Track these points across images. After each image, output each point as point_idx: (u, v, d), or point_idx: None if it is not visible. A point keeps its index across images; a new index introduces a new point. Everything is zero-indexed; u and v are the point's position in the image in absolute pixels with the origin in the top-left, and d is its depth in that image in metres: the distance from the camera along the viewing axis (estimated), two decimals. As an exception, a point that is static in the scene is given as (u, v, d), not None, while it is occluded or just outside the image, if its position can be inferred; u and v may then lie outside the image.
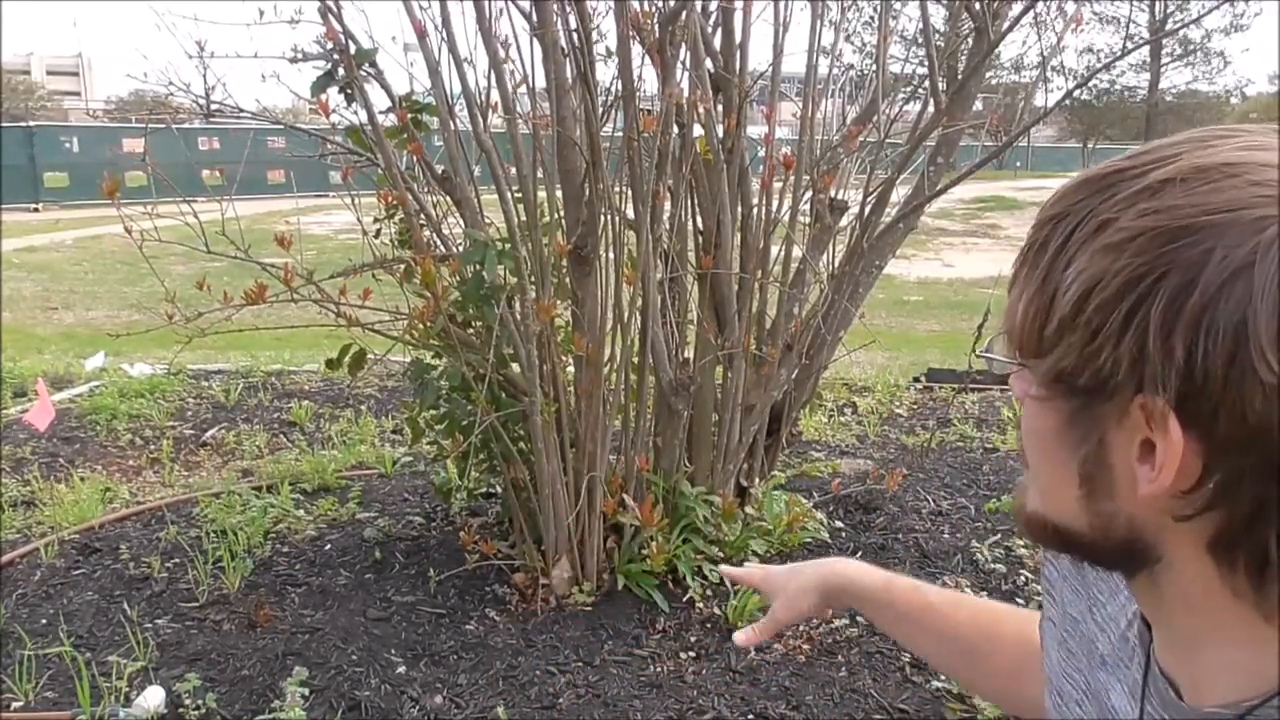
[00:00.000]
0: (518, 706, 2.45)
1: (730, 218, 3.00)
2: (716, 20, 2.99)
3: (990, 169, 12.08)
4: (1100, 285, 0.49)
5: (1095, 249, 0.50)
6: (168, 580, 3.09)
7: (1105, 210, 0.50)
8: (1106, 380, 0.50)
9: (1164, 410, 0.47)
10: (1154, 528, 0.53)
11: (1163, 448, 0.48)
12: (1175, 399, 0.47)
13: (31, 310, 9.62)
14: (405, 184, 2.75)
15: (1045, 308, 0.52)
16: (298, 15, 2.76)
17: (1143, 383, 0.48)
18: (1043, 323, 0.53)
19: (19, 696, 2.49)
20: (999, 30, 2.94)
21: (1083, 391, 0.51)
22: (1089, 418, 0.52)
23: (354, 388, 5.27)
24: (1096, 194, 0.51)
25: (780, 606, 1.07)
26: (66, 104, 50.73)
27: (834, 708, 2.47)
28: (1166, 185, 0.49)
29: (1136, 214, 0.49)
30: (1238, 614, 0.52)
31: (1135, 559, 0.55)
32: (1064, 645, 0.75)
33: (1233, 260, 0.45)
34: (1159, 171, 0.49)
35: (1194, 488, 0.49)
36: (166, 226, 2.58)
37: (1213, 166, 0.48)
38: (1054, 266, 0.52)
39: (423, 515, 3.58)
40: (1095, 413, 0.52)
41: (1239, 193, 0.47)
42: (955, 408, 5.15)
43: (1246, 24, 32.06)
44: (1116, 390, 0.49)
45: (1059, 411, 0.54)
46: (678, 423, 3.04)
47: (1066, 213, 0.52)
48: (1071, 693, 0.73)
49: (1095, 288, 0.49)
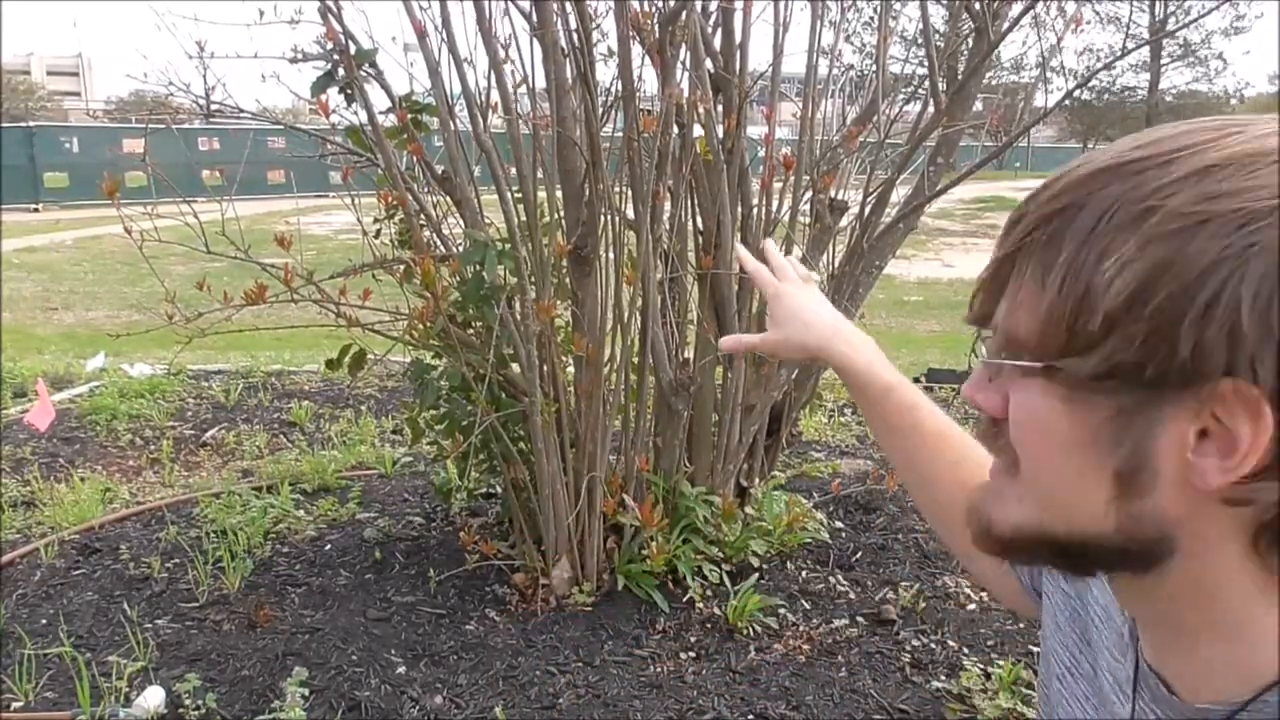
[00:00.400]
0: (518, 707, 2.45)
1: (730, 218, 3.00)
2: (716, 20, 2.99)
3: (990, 169, 12.05)
4: (1171, 272, 0.47)
5: (1148, 236, 0.47)
6: (168, 580, 3.09)
7: (1142, 197, 0.48)
8: (1183, 368, 0.47)
9: (1256, 394, 0.46)
10: (1185, 520, 0.51)
11: (1249, 433, 0.47)
12: (1275, 378, 0.46)
13: (31, 310, 9.62)
14: (405, 184, 2.75)
15: (1076, 304, 0.50)
16: (298, 15, 2.76)
17: (1232, 366, 0.46)
18: (1074, 320, 0.50)
19: (19, 696, 2.49)
20: (999, 30, 2.94)
21: (1145, 384, 0.49)
22: (1143, 412, 0.50)
23: (354, 388, 5.27)
24: (1117, 182, 0.50)
25: (768, 338, 1.03)
26: (66, 104, 50.75)
27: (834, 708, 2.47)
28: (1217, 170, 0.48)
29: (1197, 199, 0.47)
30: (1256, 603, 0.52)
31: (1152, 557, 0.53)
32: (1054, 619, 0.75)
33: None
34: (1196, 159, 0.48)
35: (1262, 472, 0.47)
36: (166, 227, 2.58)
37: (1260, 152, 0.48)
38: (1079, 259, 0.50)
39: (423, 515, 3.58)
40: (1152, 406, 0.49)
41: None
42: (955, 408, 5.15)
43: (1247, 26, 32.10)
44: (1194, 378, 0.47)
45: (1097, 411, 0.51)
46: (678, 423, 3.04)
47: (1082, 203, 0.50)
48: (1055, 667, 0.73)
49: (1164, 275, 0.47)
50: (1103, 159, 0.52)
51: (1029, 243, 0.53)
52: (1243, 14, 30.71)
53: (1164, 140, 0.51)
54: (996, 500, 0.59)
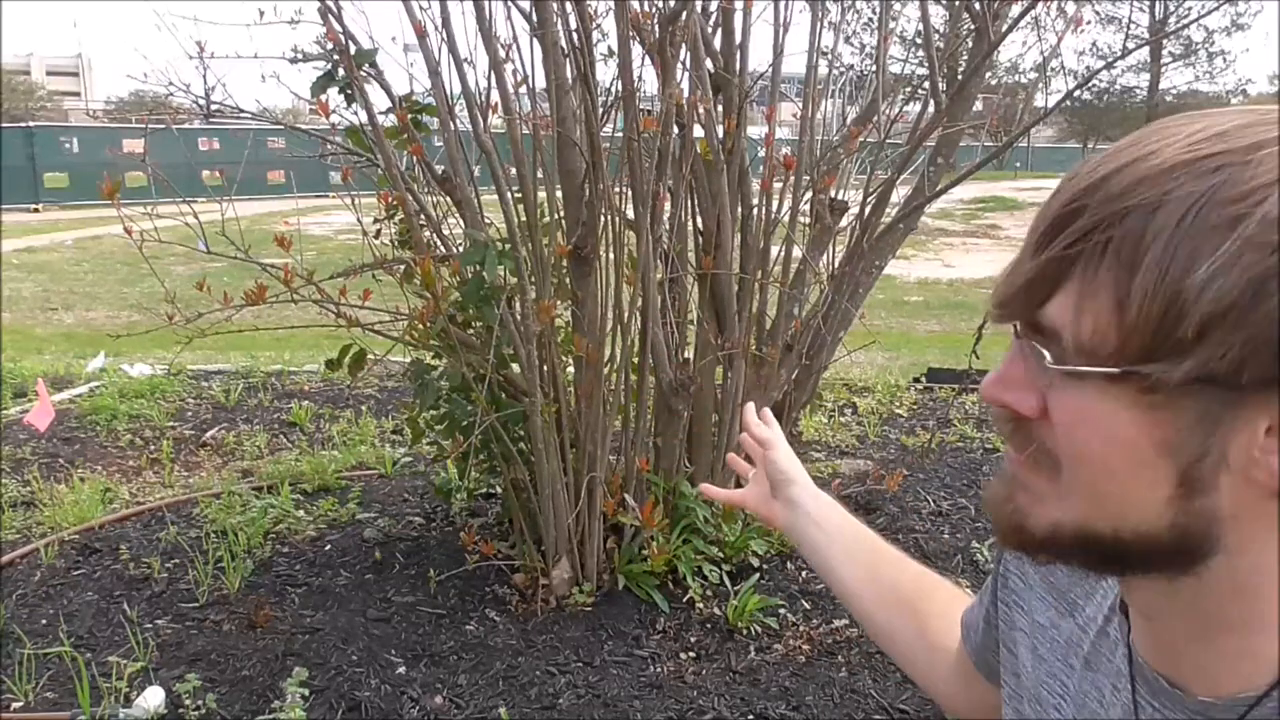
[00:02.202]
0: (518, 707, 2.45)
1: (730, 218, 3.00)
2: (716, 20, 2.99)
3: (990, 169, 12.10)
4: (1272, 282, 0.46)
5: (1247, 242, 0.47)
6: (168, 581, 3.09)
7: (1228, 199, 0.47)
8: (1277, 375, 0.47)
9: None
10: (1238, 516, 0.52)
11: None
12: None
13: (31, 311, 9.62)
14: (405, 185, 2.75)
15: (1165, 308, 0.48)
16: (298, 15, 2.76)
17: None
18: (1161, 324, 0.48)
19: (19, 697, 2.49)
20: (999, 31, 2.95)
21: (1241, 387, 0.48)
22: (1227, 414, 0.49)
23: (354, 388, 5.27)
24: (1197, 179, 0.48)
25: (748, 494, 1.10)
26: (66, 104, 50.71)
27: (834, 708, 2.47)
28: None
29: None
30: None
31: (1199, 554, 0.53)
32: (1035, 653, 0.75)
33: None
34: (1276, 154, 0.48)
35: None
36: (166, 227, 2.58)
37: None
38: (1168, 261, 0.48)
39: (423, 516, 3.58)
40: (1238, 407, 0.49)
41: None
42: (955, 408, 5.15)
43: (1247, 24, 32.11)
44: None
45: (1179, 415, 0.50)
46: (678, 423, 3.04)
47: (1160, 202, 0.49)
48: (1049, 698, 0.73)
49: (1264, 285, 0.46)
50: (1172, 151, 0.50)
51: (1095, 242, 0.50)
52: (1242, 11, 30.73)
53: (1231, 134, 0.49)
54: (1032, 499, 0.58)
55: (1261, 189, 0.47)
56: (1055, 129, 39.90)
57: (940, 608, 0.95)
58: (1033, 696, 0.75)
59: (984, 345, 3.20)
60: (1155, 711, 0.60)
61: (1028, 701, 0.75)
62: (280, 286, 2.57)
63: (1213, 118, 0.51)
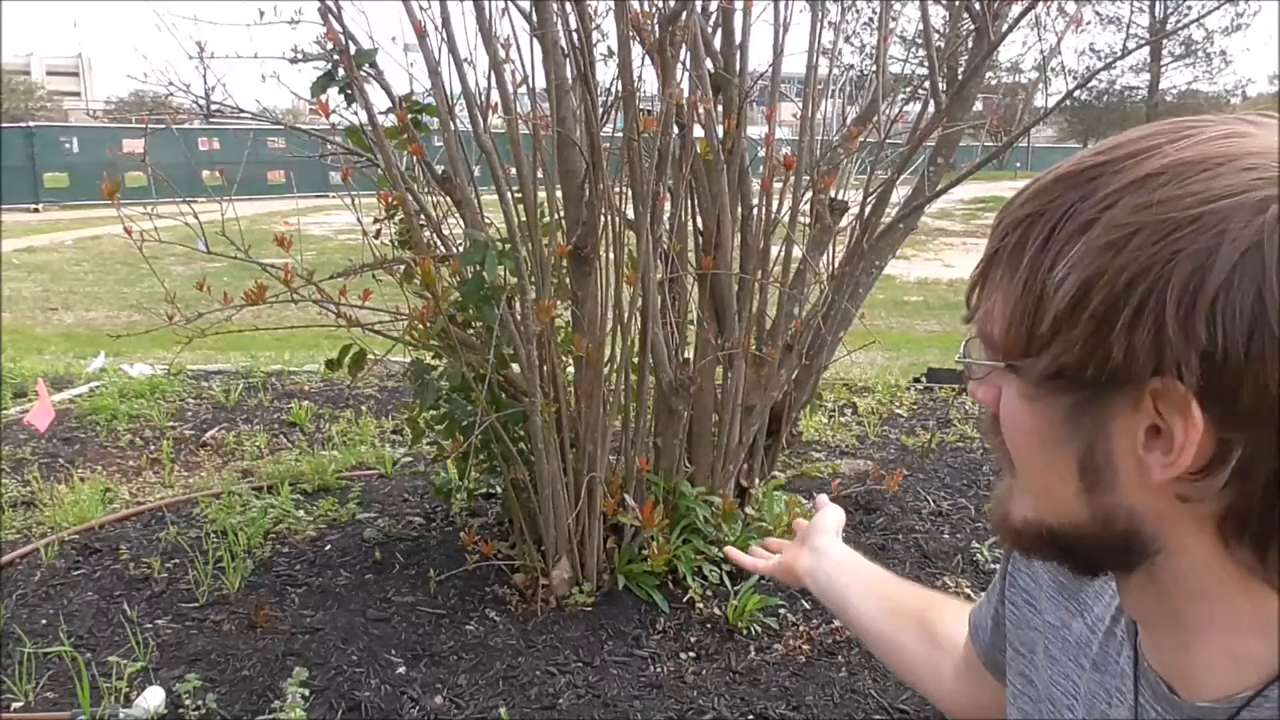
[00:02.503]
0: (518, 707, 2.45)
1: (730, 218, 3.00)
2: (716, 20, 2.99)
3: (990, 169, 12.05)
4: (1104, 279, 0.49)
5: (1089, 245, 0.50)
6: (168, 581, 3.09)
7: (1090, 206, 0.51)
8: (1116, 370, 0.50)
9: (1184, 393, 0.48)
10: (1155, 516, 0.53)
11: (1182, 430, 0.49)
12: (1198, 381, 0.48)
13: (31, 311, 9.62)
14: (405, 185, 2.75)
15: (1033, 307, 0.52)
16: (298, 15, 2.76)
17: (1160, 368, 0.49)
18: (1031, 322, 0.53)
19: (19, 697, 2.49)
20: (999, 31, 2.94)
21: (1087, 384, 0.52)
22: (1091, 410, 0.52)
23: (354, 388, 5.27)
24: (1074, 189, 0.52)
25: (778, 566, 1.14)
26: (66, 104, 50.68)
27: (834, 708, 2.47)
28: (1153, 179, 0.50)
29: (1132, 209, 0.49)
30: (1242, 594, 0.54)
31: (1136, 552, 0.55)
32: (1048, 653, 0.75)
33: (1241, 241, 0.47)
34: (1141, 166, 0.50)
35: (1207, 467, 0.50)
36: (166, 227, 2.58)
37: (1200, 159, 0.49)
38: (1038, 265, 0.52)
39: (423, 516, 3.58)
40: (1099, 404, 0.52)
41: (1235, 179, 0.48)
42: (955, 408, 5.15)
43: (1247, 23, 32.08)
44: (1128, 379, 0.50)
45: (1053, 409, 0.54)
46: (678, 423, 3.04)
47: (1043, 210, 0.53)
48: (1062, 699, 0.73)
49: (1098, 282, 0.49)
50: (1067, 165, 0.54)
51: (1002, 247, 0.55)
52: (1242, 11, 30.71)
53: (1122, 145, 0.53)
54: (1006, 498, 0.62)
55: (1114, 194, 0.50)
56: (1055, 129, 39.88)
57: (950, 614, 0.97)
58: (1046, 697, 0.75)
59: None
60: (1157, 716, 0.61)
61: (1042, 702, 0.75)
62: (280, 286, 2.57)
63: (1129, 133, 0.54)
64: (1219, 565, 0.53)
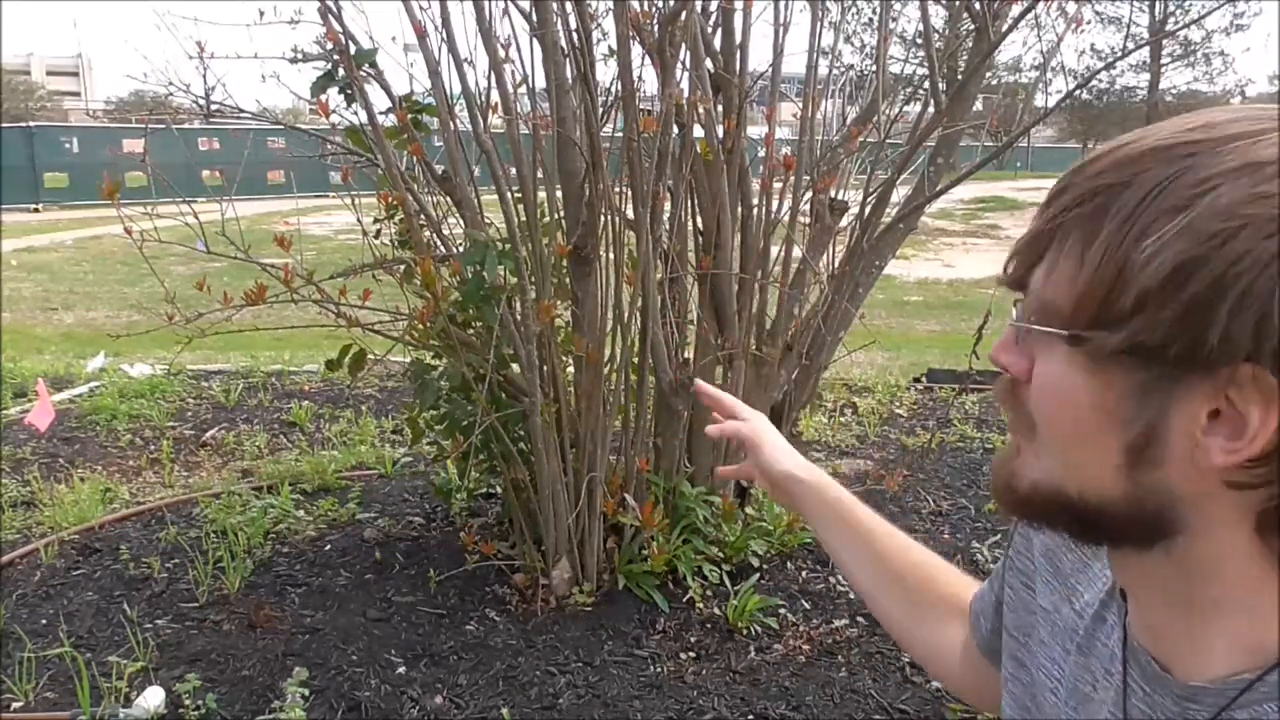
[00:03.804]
0: (518, 707, 2.45)
1: (730, 218, 3.00)
2: (716, 20, 2.99)
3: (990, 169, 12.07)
4: (1210, 262, 0.48)
5: (1190, 226, 0.49)
6: (168, 581, 3.09)
7: (1188, 186, 0.50)
8: (1207, 353, 0.49)
9: (1274, 384, 0.48)
10: (1195, 498, 0.53)
11: (1259, 418, 0.49)
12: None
13: (31, 310, 9.62)
14: (405, 184, 2.75)
15: (1111, 279, 0.51)
16: (298, 15, 2.76)
17: (1257, 355, 0.48)
18: (1109, 293, 0.52)
19: (19, 697, 2.49)
20: (999, 31, 2.94)
21: (1169, 362, 0.51)
22: (1161, 388, 0.52)
23: (354, 388, 5.27)
24: (1167, 164, 0.51)
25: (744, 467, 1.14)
26: (66, 104, 50.66)
27: (834, 708, 2.47)
28: (1264, 168, 0.49)
29: (1239, 197, 0.49)
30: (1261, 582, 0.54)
31: (1160, 530, 0.55)
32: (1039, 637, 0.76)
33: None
34: (1248, 152, 0.50)
35: (1267, 456, 0.50)
36: (166, 227, 2.58)
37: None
38: (1121, 236, 0.51)
39: (423, 516, 3.58)
40: (1171, 383, 0.51)
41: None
42: (955, 408, 5.15)
43: (1247, 24, 32.08)
44: (1216, 362, 0.49)
45: (1118, 383, 0.53)
46: (678, 423, 3.04)
47: (1130, 181, 0.52)
48: (1045, 682, 0.74)
49: (1201, 267, 0.48)
50: (1154, 138, 0.53)
51: (1072, 215, 0.54)
52: (1242, 12, 30.70)
53: (1217, 126, 0.51)
54: (1020, 460, 0.61)
55: (1217, 177, 0.49)
56: (1055, 129, 39.87)
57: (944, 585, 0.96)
58: (1034, 681, 0.75)
59: (984, 345, 3.20)
60: (1145, 696, 0.61)
61: (1032, 686, 0.76)
62: (280, 286, 2.57)
63: (1215, 114, 0.53)
64: (1246, 552, 0.54)
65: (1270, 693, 0.53)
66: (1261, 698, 0.53)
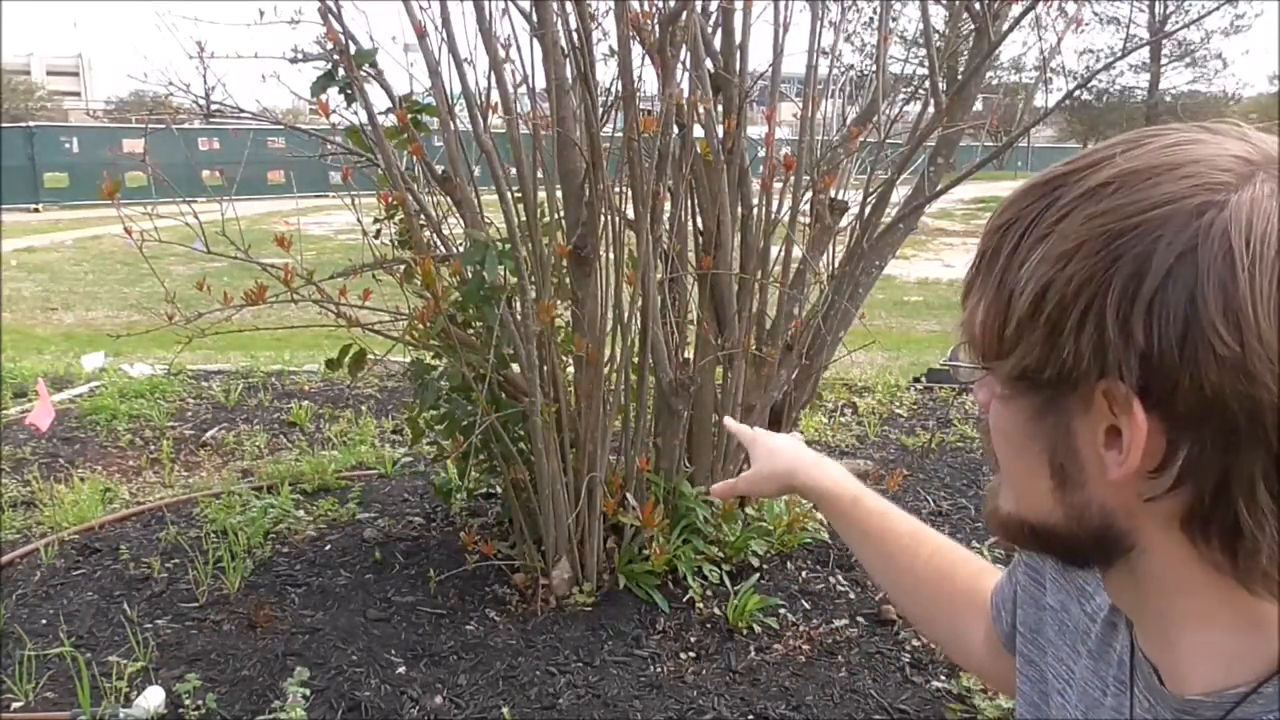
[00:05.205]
0: (518, 707, 2.45)
1: (730, 218, 3.00)
2: (716, 20, 2.99)
3: (990, 169, 12.07)
4: (1055, 284, 0.51)
5: (1046, 252, 0.52)
6: (168, 580, 3.09)
7: (1051, 216, 0.53)
8: (1070, 372, 0.52)
9: (1127, 394, 0.50)
10: (1125, 513, 0.55)
11: (1128, 430, 0.51)
12: (1137, 381, 0.50)
13: (31, 310, 9.62)
14: (405, 184, 2.75)
15: (1003, 310, 0.55)
16: (298, 15, 2.76)
17: (1105, 370, 0.51)
18: (1001, 324, 0.55)
19: (19, 697, 2.49)
20: (999, 31, 2.94)
21: (1047, 385, 0.54)
22: (1055, 410, 0.55)
23: (354, 388, 5.27)
24: (1040, 199, 0.54)
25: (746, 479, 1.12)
26: (66, 104, 50.64)
27: (834, 708, 2.47)
28: (1103, 189, 0.52)
29: (1082, 219, 0.52)
30: (1219, 592, 0.55)
31: (1110, 548, 0.57)
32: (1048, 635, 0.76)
33: (1177, 245, 0.49)
34: (1095, 176, 0.53)
35: (1160, 467, 0.51)
36: (166, 227, 2.58)
37: (1145, 168, 0.52)
38: (1008, 271, 0.55)
39: (423, 516, 3.58)
40: (1061, 404, 0.54)
41: (1174, 187, 0.50)
42: (955, 408, 5.15)
43: (1247, 25, 32.06)
44: (1080, 380, 0.52)
45: (1024, 408, 0.56)
46: (678, 423, 3.04)
47: (1016, 219, 0.55)
48: (1054, 682, 0.74)
49: (1051, 287, 0.52)
50: (1039, 176, 0.57)
51: (983, 253, 0.58)
52: (1242, 13, 30.68)
53: (1087, 155, 0.55)
54: (994, 492, 0.64)
55: (1070, 203, 0.53)
56: (1055, 129, 39.83)
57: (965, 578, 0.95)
58: (1043, 678, 0.76)
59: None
60: (1150, 707, 0.61)
61: (1041, 683, 0.76)
62: (280, 286, 2.57)
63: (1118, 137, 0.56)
64: (1191, 564, 0.54)
65: (1268, 705, 0.54)
66: (1259, 710, 0.54)
